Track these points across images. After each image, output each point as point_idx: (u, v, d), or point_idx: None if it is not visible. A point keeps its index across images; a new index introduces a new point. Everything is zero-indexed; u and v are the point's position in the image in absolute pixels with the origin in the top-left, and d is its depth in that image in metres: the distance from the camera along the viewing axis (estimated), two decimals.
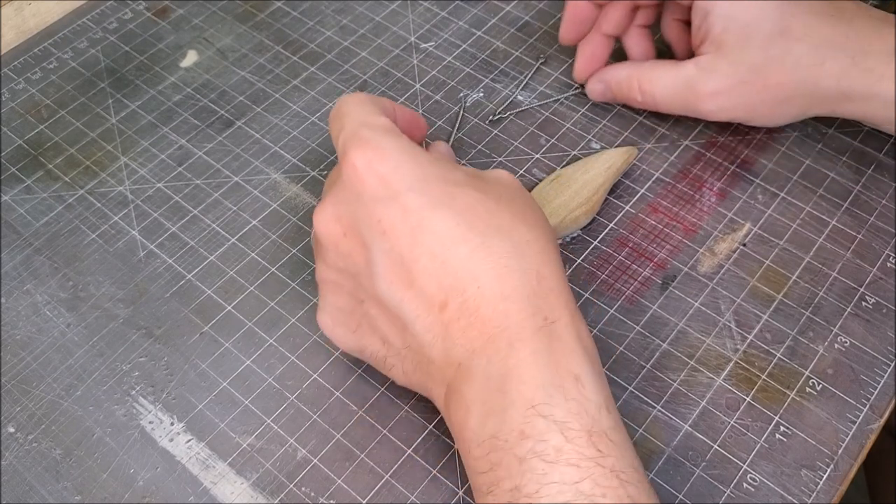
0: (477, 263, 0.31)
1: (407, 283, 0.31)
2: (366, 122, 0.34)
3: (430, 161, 0.33)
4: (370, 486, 0.35)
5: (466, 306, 0.31)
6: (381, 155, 0.32)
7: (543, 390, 0.29)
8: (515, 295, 0.31)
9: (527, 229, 0.32)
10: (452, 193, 0.32)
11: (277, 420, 0.37)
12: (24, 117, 0.49)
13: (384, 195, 0.32)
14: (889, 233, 0.42)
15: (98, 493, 0.35)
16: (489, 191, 0.33)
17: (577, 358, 0.30)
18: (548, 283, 0.31)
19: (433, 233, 0.31)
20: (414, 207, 0.31)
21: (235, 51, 0.52)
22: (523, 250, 0.31)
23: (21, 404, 0.38)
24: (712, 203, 0.43)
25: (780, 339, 0.39)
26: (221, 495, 0.35)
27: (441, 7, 0.53)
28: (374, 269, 0.32)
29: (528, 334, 0.30)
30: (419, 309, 0.31)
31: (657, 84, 0.44)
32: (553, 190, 0.42)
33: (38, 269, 0.42)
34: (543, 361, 0.30)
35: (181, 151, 0.47)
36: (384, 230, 0.32)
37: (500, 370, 0.30)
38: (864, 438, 0.36)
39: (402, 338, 0.33)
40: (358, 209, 0.32)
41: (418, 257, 0.31)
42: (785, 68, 0.40)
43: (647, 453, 0.36)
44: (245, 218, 0.44)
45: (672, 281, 0.41)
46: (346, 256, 0.33)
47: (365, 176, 0.32)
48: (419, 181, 0.32)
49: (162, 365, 0.39)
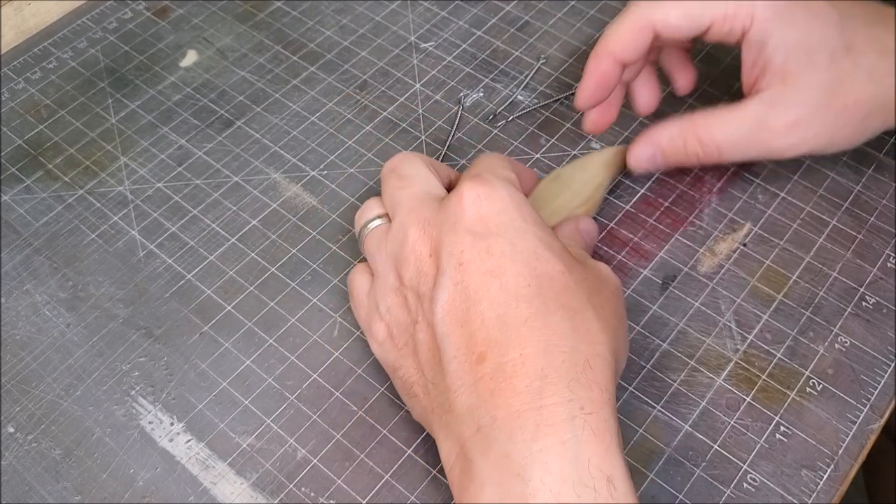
0: (529, 331, 0.30)
1: (461, 321, 0.31)
2: (492, 170, 0.35)
3: (535, 220, 0.33)
4: (370, 486, 0.35)
5: (503, 369, 0.30)
6: (490, 195, 0.33)
7: (572, 488, 0.27)
8: (555, 376, 0.29)
9: (595, 319, 0.31)
10: (540, 255, 0.32)
11: (277, 420, 0.37)
12: (23, 117, 0.49)
13: (477, 231, 0.32)
14: (889, 233, 0.42)
15: (98, 494, 0.35)
16: (578, 271, 0.32)
17: (611, 456, 0.28)
18: (594, 375, 0.30)
19: (503, 284, 0.31)
20: (497, 252, 0.31)
21: (235, 50, 0.52)
22: (582, 336, 0.30)
23: (21, 404, 0.38)
24: (712, 203, 0.43)
25: (780, 339, 0.39)
26: (221, 495, 0.35)
27: (441, 7, 0.53)
28: (438, 294, 0.32)
29: (559, 420, 0.28)
30: (459, 351, 0.31)
31: (719, 130, 0.40)
32: (553, 190, 0.42)
33: (37, 269, 0.42)
34: (573, 455, 0.28)
35: (181, 151, 0.47)
36: (461, 262, 0.32)
37: (523, 453, 0.28)
38: (864, 438, 0.36)
39: (436, 372, 0.32)
40: (447, 234, 0.33)
41: (480, 300, 0.31)
42: (860, 84, 0.38)
43: (648, 453, 0.36)
44: (245, 218, 0.44)
45: (672, 281, 0.41)
46: (422, 275, 0.33)
47: (468, 207, 0.33)
48: (514, 231, 0.32)
49: (162, 365, 0.39)
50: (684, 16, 0.39)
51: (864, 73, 0.38)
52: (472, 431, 0.30)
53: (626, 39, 0.39)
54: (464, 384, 0.30)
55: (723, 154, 0.40)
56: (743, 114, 0.39)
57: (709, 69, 0.49)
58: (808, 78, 0.38)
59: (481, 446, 0.29)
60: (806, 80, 0.38)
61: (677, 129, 0.41)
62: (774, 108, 0.39)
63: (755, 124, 0.39)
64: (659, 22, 0.39)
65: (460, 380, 0.30)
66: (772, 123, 0.39)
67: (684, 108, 0.47)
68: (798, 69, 0.38)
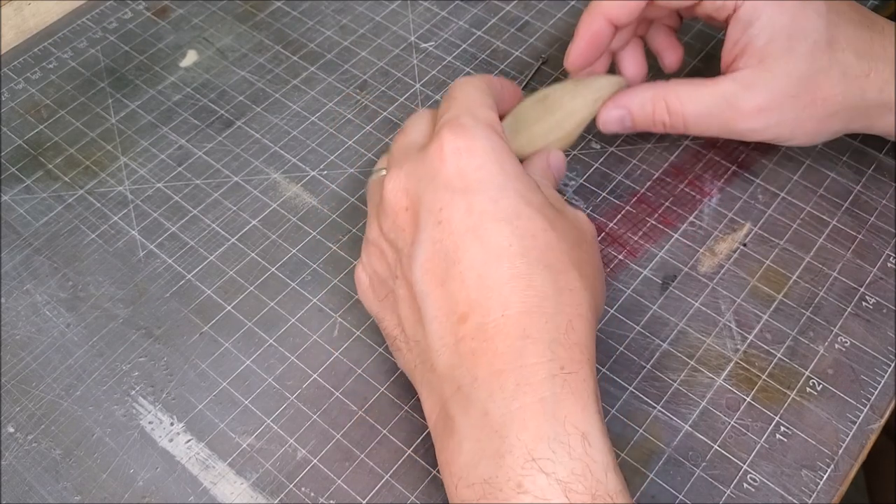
0: (512, 291, 0.30)
1: (440, 280, 0.31)
2: (471, 111, 0.34)
3: (517, 174, 0.32)
4: (370, 486, 0.35)
5: (484, 329, 0.30)
6: (470, 148, 0.32)
7: (547, 444, 0.28)
8: (537, 336, 0.29)
9: (577, 277, 0.31)
10: (521, 213, 0.31)
11: (277, 420, 0.37)
12: (23, 117, 0.49)
13: (456, 187, 0.31)
14: (889, 233, 0.42)
15: (98, 494, 0.35)
16: (559, 226, 0.32)
17: (588, 415, 0.29)
18: (576, 336, 0.30)
19: (485, 242, 0.31)
20: (478, 210, 0.31)
21: (235, 50, 0.52)
22: (564, 297, 0.30)
23: (21, 404, 0.38)
24: (712, 203, 0.43)
25: (780, 339, 0.39)
26: (221, 495, 0.35)
27: (441, 7, 0.53)
28: (417, 251, 0.32)
29: (539, 379, 0.29)
30: (440, 311, 0.31)
31: (689, 102, 0.40)
32: (536, 112, 0.40)
33: (37, 269, 0.42)
34: (550, 412, 0.28)
35: (181, 151, 0.47)
36: (441, 220, 0.31)
37: (502, 410, 0.28)
38: (864, 438, 0.36)
39: (416, 330, 0.32)
40: (427, 189, 0.32)
41: (460, 259, 0.31)
42: (832, 80, 0.38)
43: (648, 453, 0.36)
44: (245, 218, 0.44)
45: (672, 281, 0.41)
46: (400, 230, 0.33)
47: (448, 161, 0.32)
48: (495, 188, 0.32)
49: (162, 365, 0.39)
50: None
51: (839, 71, 0.38)
52: (452, 390, 0.30)
53: (622, 3, 0.39)
54: (445, 344, 0.30)
55: (688, 126, 0.40)
56: (714, 90, 0.39)
57: (701, 46, 0.49)
58: (786, 65, 0.38)
59: (462, 405, 0.29)
60: (783, 66, 0.38)
61: (648, 94, 0.41)
62: (747, 89, 0.39)
63: (724, 102, 0.39)
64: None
65: (441, 339, 0.31)
66: (741, 104, 0.39)
67: None
68: (777, 54, 0.38)
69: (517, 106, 0.40)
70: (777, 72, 0.38)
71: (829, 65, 0.38)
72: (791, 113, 0.39)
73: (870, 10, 0.41)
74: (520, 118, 0.40)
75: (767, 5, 0.38)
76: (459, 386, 0.30)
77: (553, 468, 0.27)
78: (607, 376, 0.38)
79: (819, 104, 0.39)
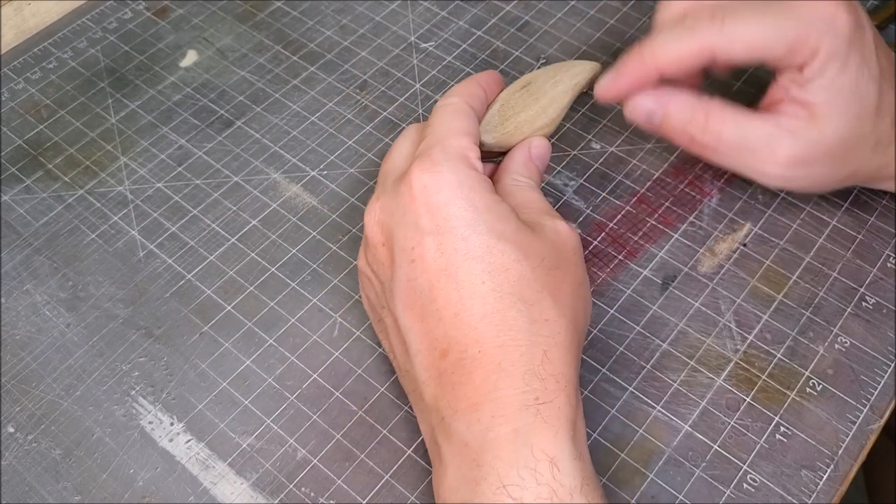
0: (486, 328, 0.30)
1: (419, 315, 0.32)
2: (443, 142, 0.34)
3: (486, 205, 0.32)
4: (370, 486, 0.35)
5: (463, 364, 0.30)
6: (437, 184, 0.32)
7: (517, 471, 0.28)
8: (511, 369, 0.30)
9: (552, 305, 0.31)
10: (492, 248, 0.31)
11: (277, 420, 0.37)
12: (23, 117, 0.49)
13: (426, 226, 0.32)
14: (889, 233, 0.42)
15: (98, 494, 0.35)
16: (533, 251, 0.32)
17: (558, 441, 0.29)
18: (551, 367, 0.30)
19: (457, 282, 0.31)
20: (449, 251, 0.31)
21: (235, 50, 0.52)
22: (538, 328, 0.31)
23: (21, 404, 0.38)
24: (712, 203, 0.43)
25: (780, 339, 0.39)
26: (221, 495, 0.35)
27: (441, 7, 0.53)
28: (395, 288, 0.32)
29: (513, 411, 0.29)
30: (422, 345, 0.32)
31: (729, 126, 0.37)
32: (521, 100, 0.40)
33: (37, 269, 0.42)
34: (522, 441, 0.29)
35: (181, 151, 0.47)
36: (414, 259, 0.32)
37: (479, 441, 0.29)
38: (864, 439, 0.36)
39: (405, 360, 0.33)
40: (398, 226, 0.33)
41: (435, 298, 0.31)
42: (868, 147, 0.37)
43: (647, 454, 0.36)
44: (245, 218, 0.44)
45: (672, 281, 0.41)
46: (380, 263, 0.34)
47: (417, 198, 0.32)
48: (464, 224, 0.32)
49: (162, 365, 0.39)
50: (748, 49, 0.36)
51: (875, 139, 0.37)
52: (437, 420, 0.31)
53: (680, 60, 0.36)
54: (430, 376, 0.31)
55: (717, 149, 0.38)
56: (760, 125, 0.37)
57: None
58: (836, 126, 0.36)
59: (445, 434, 0.31)
60: (834, 127, 0.36)
61: (691, 102, 0.38)
62: (791, 137, 0.37)
63: (764, 142, 0.37)
64: (721, 51, 0.36)
65: (426, 371, 0.32)
66: (778, 150, 0.37)
67: None
68: (830, 115, 0.36)
69: (502, 93, 0.40)
70: (826, 131, 0.36)
71: (871, 132, 0.37)
72: (820, 169, 0.38)
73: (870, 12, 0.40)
74: (506, 106, 0.40)
75: (833, 65, 0.36)
76: (443, 417, 0.31)
77: (520, 493, 0.28)
78: (607, 376, 0.38)
79: (847, 166, 0.38)
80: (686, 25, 0.37)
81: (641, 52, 0.37)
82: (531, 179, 0.38)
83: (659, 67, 0.37)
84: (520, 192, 0.36)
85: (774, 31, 0.35)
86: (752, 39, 0.36)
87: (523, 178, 0.37)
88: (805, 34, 0.35)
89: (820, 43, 0.35)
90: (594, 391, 0.37)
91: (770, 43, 0.36)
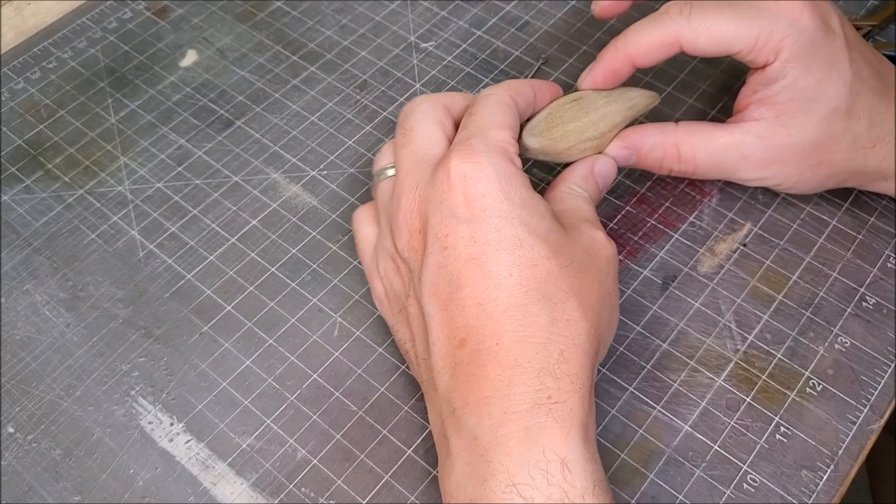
0: (507, 321, 0.30)
1: (444, 303, 0.32)
2: (485, 132, 0.34)
3: (522, 200, 0.33)
4: (370, 487, 0.35)
5: (479, 356, 0.30)
6: (476, 174, 0.32)
7: (527, 470, 0.28)
8: (527, 366, 0.30)
9: (576, 307, 0.31)
10: (523, 242, 0.31)
11: (277, 420, 0.37)
12: (23, 117, 0.49)
13: (461, 214, 0.32)
14: (889, 233, 0.42)
15: (98, 494, 0.35)
16: (565, 253, 0.32)
17: (570, 442, 0.29)
18: (567, 367, 0.30)
19: (486, 272, 0.31)
20: (481, 240, 0.31)
21: (235, 50, 0.52)
22: (559, 327, 0.31)
23: (21, 404, 0.38)
24: (712, 203, 0.43)
25: (780, 339, 0.39)
26: (221, 496, 0.35)
27: (441, 7, 0.53)
28: (424, 274, 0.32)
29: (525, 409, 0.29)
30: (443, 333, 0.32)
31: (700, 150, 0.39)
32: (571, 111, 0.40)
33: (37, 269, 0.42)
34: (533, 440, 0.29)
35: (181, 151, 0.47)
36: (446, 246, 0.32)
37: (489, 436, 0.29)
38: (864, 439, 0.36)
39: (424, 348, 0.33)
40: (434, 214, 0.33)
41: (462, 286, 0.31)
42: (842, 146, 0.38)
43: (648, 454, 0.36)
44: (245, 218, 0.44)
45: (672, 281, 0.41)
46: (413, 250, 0.34)
47: (454, 187, 0.32)
48: (499, 216, 0.32)
49: (161, 365, 0.39)
50: (711, 42, 0.38)
51: (850, 139, 0.38)
52: (448, 412, 0.31)
53: (650, 50, 0.39)
54: (445, 366, 0.31)
55: (697, 171, 0.40)
56: (729, 139, 0.39)
57: (708, 69, 0.49)
58: (802, 126, 0.38)
59: (455, 427, 0.31)
60: (798, 126, 0.38)
61: (659, 139, 0.40)
62: (759, 141, 0.38)
63: (737, 152, 0.39)
64: (687, 42, 0.38)
65: (442, 361, 0.31)
66: (752, 155, 0.39)
67: (682, 108, 0.47)
68: (795, 113, 0.38)
69: (552, 103, 0.40)
70: (792, 130, 0.38)
71: (843, 132, 0.38)
72: (795, 169, 0.39)
73: (870, 12, 0.41)
74: (554, 114, 0.40)
75: (796, 65, 0.37)
76: (454, 409, 0.31)
77: (531, 493, 0.28)
78: (607, 377, 0.38)
79: (824, 166, 0.39)
80: (656, 18, 0.39)
81: (616, 42, 0.39)
82: (587, 192, 0.38)
83: (630, 56, 0.39)
84: (570, 200, 0.37)
85: (737, 27, 0.37)
86: (715, 34, 0.37)
87: (580, 188, 0.37)
88: (768, 33, 0.37)
89: (782, 43, 0.37)
90: (594, 391, 0.37)
91: (732, 38, 0.37)
